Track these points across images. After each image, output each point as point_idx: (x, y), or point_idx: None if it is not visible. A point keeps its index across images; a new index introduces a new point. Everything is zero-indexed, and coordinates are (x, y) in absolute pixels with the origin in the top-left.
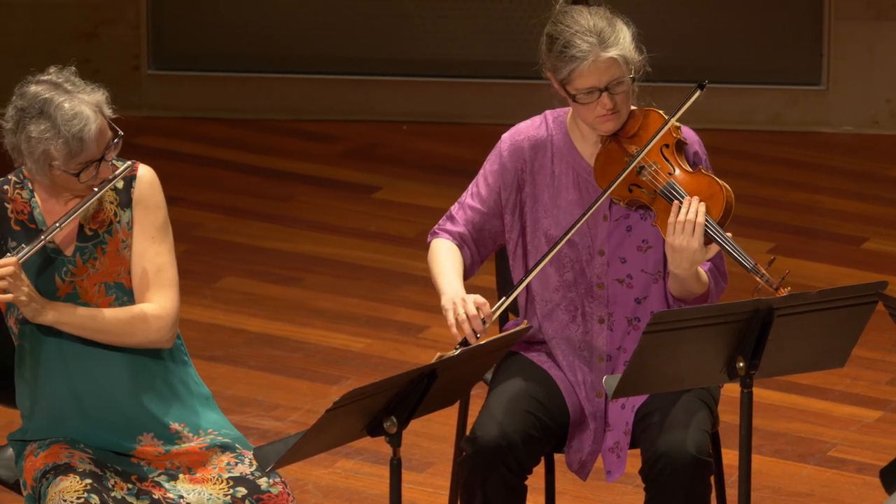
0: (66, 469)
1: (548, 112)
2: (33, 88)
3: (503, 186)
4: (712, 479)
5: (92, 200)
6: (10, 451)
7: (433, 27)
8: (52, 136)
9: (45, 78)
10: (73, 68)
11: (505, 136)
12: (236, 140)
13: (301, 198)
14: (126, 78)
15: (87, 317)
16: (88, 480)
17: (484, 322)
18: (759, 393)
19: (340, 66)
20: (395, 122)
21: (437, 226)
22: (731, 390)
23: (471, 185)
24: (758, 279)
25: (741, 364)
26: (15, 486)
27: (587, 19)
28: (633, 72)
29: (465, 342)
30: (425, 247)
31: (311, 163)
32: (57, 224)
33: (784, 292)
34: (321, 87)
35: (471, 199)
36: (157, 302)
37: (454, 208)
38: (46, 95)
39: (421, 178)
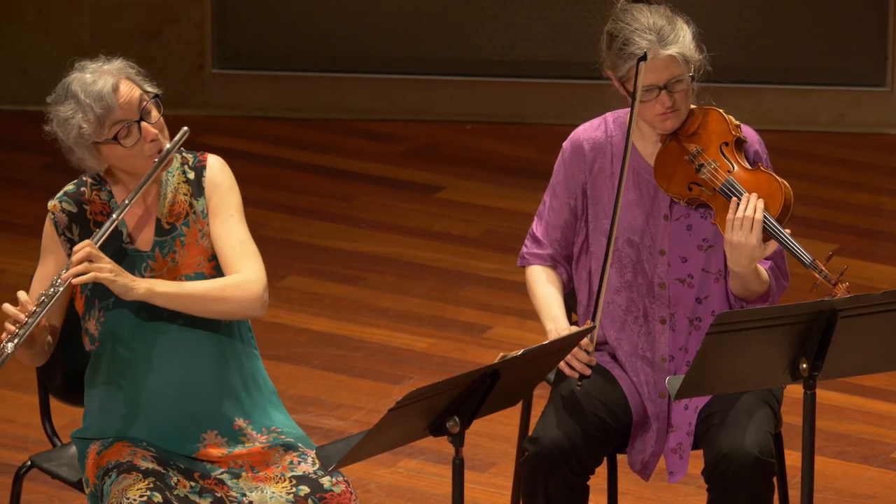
0: (128, 467)
1: (608, 114)
2: (63, 80)
3: (569, 195)
4: (775, 480)
5: (157, 170)
6: (73, 448)
7: (496, 27)
8: (77, 108)
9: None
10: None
11: (565, 143)
12: (300, 139)
13: (364, 197)
14: (190, 77)
15: (179, 286)
16: (151, 479)
17: (588, 352)
18: (822, 394)
19: (404, 66)
20: (459, 122)
21: (524, 249)
22: (794, 391)
23: (544, 198)
24: (816, 275)
25: (804, 365)
26: (78, 484)
27: (647, 17)
28: (692, 70)
29: (582, 377)
30: (488, 246)
31: (375, 162)
32: (126, 201)
33: (842, 288)
34: (385, 86)
35: (548, 216)
36: (246, 270)
37: (536, 228)
38: (69, 77)
39: (484, 178)
